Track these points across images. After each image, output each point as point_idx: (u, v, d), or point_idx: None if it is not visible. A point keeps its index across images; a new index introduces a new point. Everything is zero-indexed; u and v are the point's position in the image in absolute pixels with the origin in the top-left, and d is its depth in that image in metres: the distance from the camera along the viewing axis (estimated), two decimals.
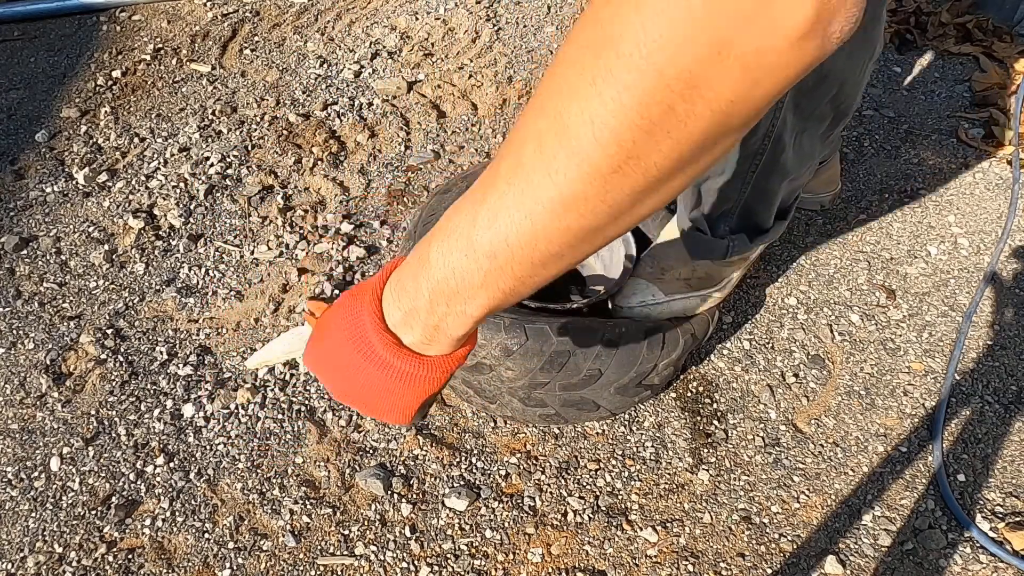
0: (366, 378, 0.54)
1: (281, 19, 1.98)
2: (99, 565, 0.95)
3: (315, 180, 1.50)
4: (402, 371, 0.53)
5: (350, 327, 0.54)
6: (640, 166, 0.39)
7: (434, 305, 0.50)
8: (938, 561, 0.95)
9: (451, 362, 0.54)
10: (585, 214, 0.41)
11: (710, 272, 1.03)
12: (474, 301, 0.48)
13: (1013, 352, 1.18)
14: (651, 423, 1.10)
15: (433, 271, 0.48)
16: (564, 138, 0.39)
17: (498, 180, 0.43)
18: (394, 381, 0.54)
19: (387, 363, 0.53)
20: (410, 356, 0.53)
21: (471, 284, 0.47)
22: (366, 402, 0.57)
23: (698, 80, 0.35)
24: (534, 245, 0.44)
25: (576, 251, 0.45)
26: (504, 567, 0.95)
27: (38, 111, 1.69)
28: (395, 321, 0.52)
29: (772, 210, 0.97)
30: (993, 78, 1.68)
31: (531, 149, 0.41)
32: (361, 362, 0.54)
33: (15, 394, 1.14)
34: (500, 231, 0.44)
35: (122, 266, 1.34)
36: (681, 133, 0.37)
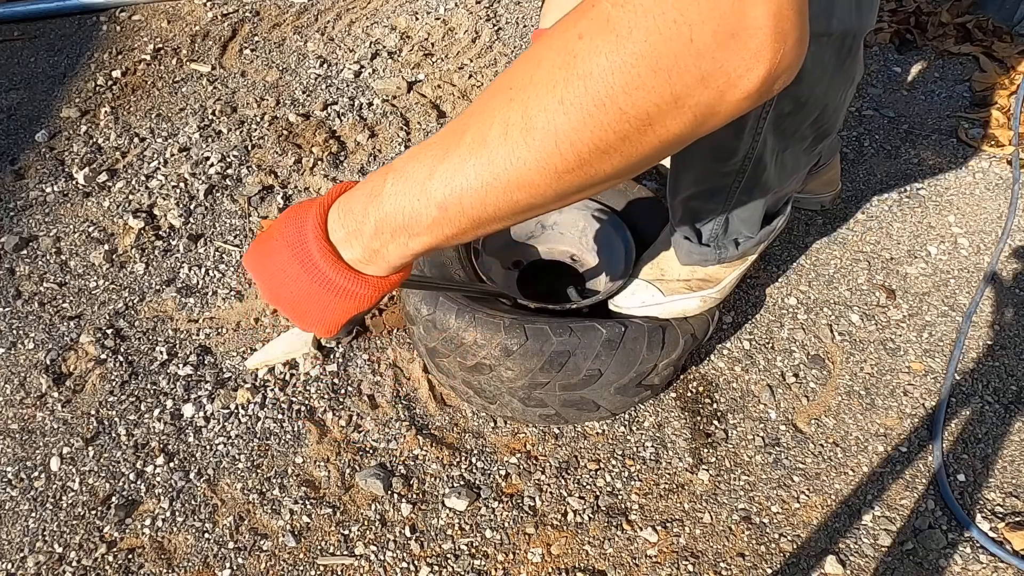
0: (301, 285, 0.56)
1: (281, 19, 1.98)
2: (99, 565, 0.95)
3: (315, 180, 1.50)
4: (336, 283, 0.56)
5: (293, 235, 0.56)
6: (590, 171, 0.45)
7: (378, 233, 0.53)
8: (938, 561, 0.95)
9: (385, 284, 0.57)
10: (535, 195, 0.47)
11: (709, 273, 1.03)
12: (417, 239, 0.53)
13: (1013, 352, 1.18)
14: (651, 423, 1.10)
15: (383, 204, 0.52)
16: (528, 136, 0.44)
17: (461, 146, 0.47)
18: (327, 292, 0.56)
19: (323, 273, 0.55)
20: (346, 270, 0.55)
21: (417, 224, 0.51)
22: (297, 309, 0.58)
23: (654, 120, 0.41)
24: (483, 208, 0.48)
25: (518, 218, 0.51)
26: (504, 567, 0.95)
27: (38, 111, 1.69)
28: (337, 238, 0.55)
29: (758, 219, 0.97)
30: (993, 78, 1.68)
31: (497, 133, 0.45)
32: (298, 269, 0.56)
33: (15, 394, 1.14)
34: (455, 190, 0.48)
35: (122, 266, 1.34)
36: (630, 153, 0.43)
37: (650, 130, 0.42)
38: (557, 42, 0.43)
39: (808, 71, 0.74)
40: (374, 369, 1.17)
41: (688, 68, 0.38)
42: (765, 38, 0.38)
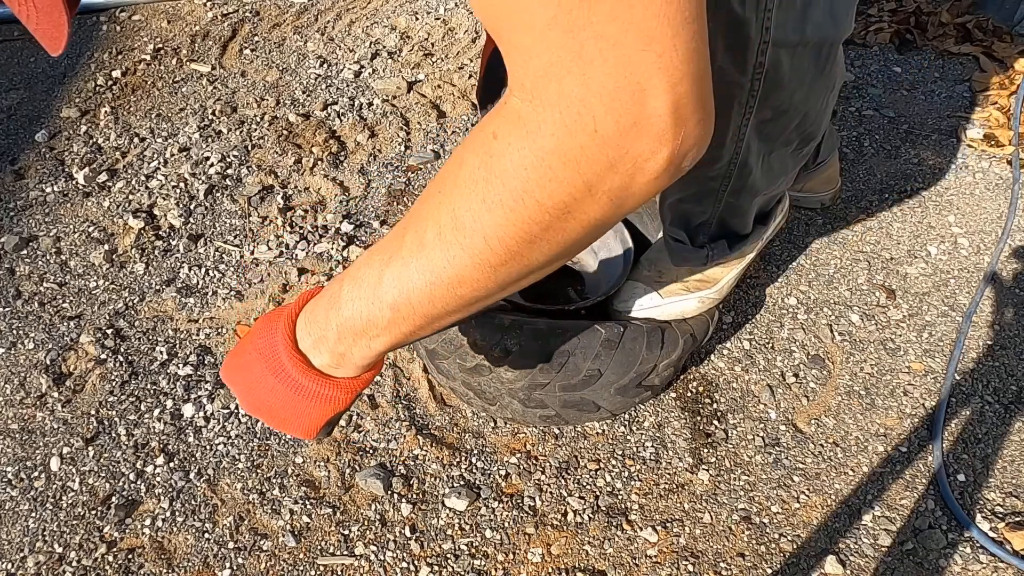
0: (277, 395, 0.59)
1: (281, 19, 1.98)
2: (99, 565, 0.95)
3: (315, 180, 1.50)
4: (309, 390, 0.58)
5: (264, 346, 0.59)
6: (524, 260, 0.47)
7: (341, 338, 0.55)
8: (938, 561, 0.95)
9: (356, 384, 0.59)
10: (477, 288, 0.49)
11: (707, 274, 1.03)
12: (378, 339, 0.55)
13: (1013, 352, 1.18)
14: (651, 423, 1.10)
15: (343, 310, 0.54)
16: (460, 235, 0.46)
17: (403, 249, 0.50)
18: (302, 399, 0.58)
19: (297, 382, 0.58)
20: (318, 376, 0.58)
21: (375, 326, 0.54)
22: (275, 417, 0.60)
23: (572, 208, 0.43)
24: (431, 305, 0.51)
25: (470, 309, 0.52)
26: (504, 567, 0.95)
27: (38, 111, 1.69)
28: (306, 345, 0.57)
29: (749, 219, 0.97)
30: (993, 78, 1.68)
31: (432, 235, 0.48)
32: (271, 379, 0.58)
33: (15, 394, 1.14)
34: (403, 292, 0.51)
35: (122, 266, 1.34)
36: (557, 240, 0.46)
37: (570, 217, 0.44)
38: (475, 142, 0.45)
39: (786, 80, 0.75)
40: None
41: (596, 157, 0.40)
42: (665, 124, 0.40)
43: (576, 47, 0.38)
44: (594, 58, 0.38)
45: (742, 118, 0.77)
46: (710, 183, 0.87)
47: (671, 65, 0.38)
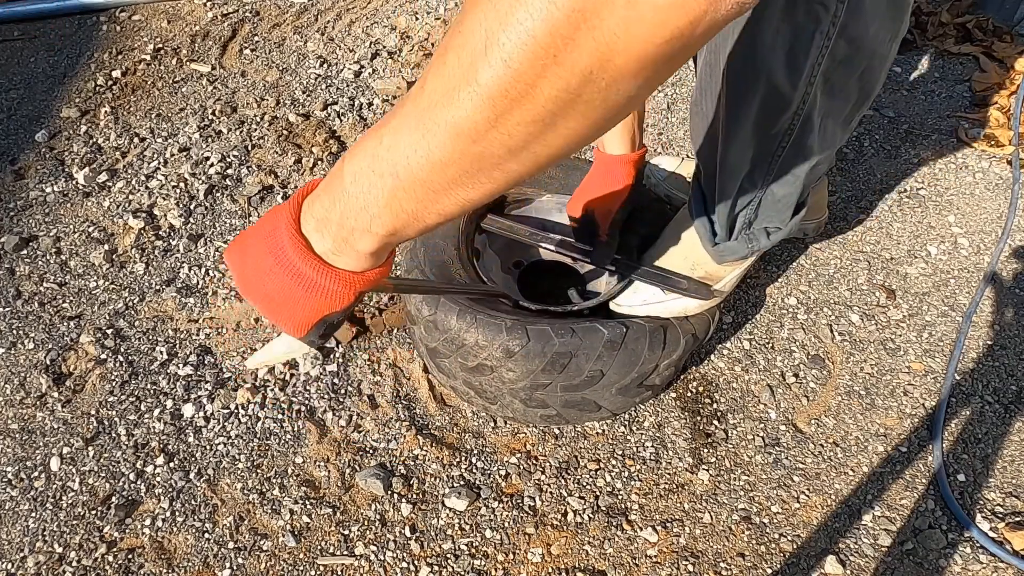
0: (272, 278, 0.55)
1: (281, 19, 1.98)
2: (99, 565, 0.95)
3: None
4: (307, 277, 0.54)
5: (268, 228, 0.56)
6: (533, 99, 0.40)
7: (344, 218, 0.51)
8: (938, 561, 0.95)
9: (358, 281, 0.55)
10: (477, 140, 0.43)
11: (709, 272, 1.03)
12: (379, 220, 0.50)
13: (1013, 352, 1.18)
14: (651, 423, 1.10)
15: (345, 185, 0.50)
16: (475, 59, 0.40)
17: (405, 103, 0.46)
18: (297, 286, 0.55)
19: (294, 266, 0.54)
20: (317, 263, 0.54)
21: (376, 201, 0.49)
22: (268, 303, 0.57)
23: (590, 14, 0.37)
24: (431, 167, 0.45)
25: (472, 180, 0.46)
26: (504, 567, 0.95)
27: (38, 111, 1.69)
28: (308, 228, 0.54)
29: (793, 201, 0.95)
30: (993, 78, 1.68)
31: (435, 93, 0.43)
32: (270, 261, 0.55)
33: (15, 394, 1.14)
34: (400, 150, 0.46)
35: (122, 266, 1.34)
36: (572, 62, 0.39)
37: (588, 26, 0.38)
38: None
39: (867, 4, 0.73)
40: (374, 369, 1.17)
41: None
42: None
43: None
44: None
45: (819, 52, 0.75)
46: (770, 142, 0.85)
47: None
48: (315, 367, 1.16)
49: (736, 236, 0.99)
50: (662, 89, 1.72)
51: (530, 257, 1.20)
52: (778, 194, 0.93)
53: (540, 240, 1.07)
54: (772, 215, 0.97)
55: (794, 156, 0.87)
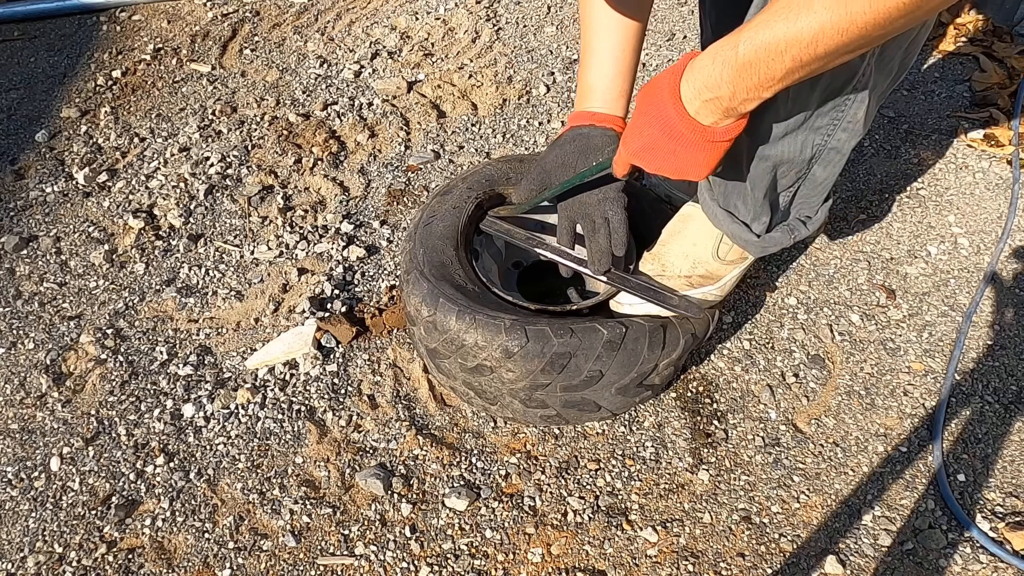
0: (683, 155, 0.77)
1: (281, 19, 1.98)
2: (99, 565, 0.95)
3: (315, 180, 1.50)
4: (715, 142, 0.75)
5: (661, 123, 0.76)
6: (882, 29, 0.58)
7: (735, 95, 0.69)
8: (938, 561, 0.95)
9: (738, 128, 0.75)
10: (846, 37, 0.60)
11: (709, 270, 1.03)
12: (769, 89, 0.68)
13: (1013, 352, 1.18)
14: (651, 423, 1.10)
15: (746, 67, 0.67)
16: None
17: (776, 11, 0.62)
18: (707, 152, 0.76)
19: (702, 144, 0.75)
20: (717, 131, 0.74)
21: (772, 78, 0.67)
22: (681, 169, 0.79)
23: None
24: (807, 48, 0.62)
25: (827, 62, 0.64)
26: (504, 567, 0.95)
27: (38, 111, 1.69)
28: (695, 108, 0.73)
29: (829, 185, 0.96)
30: (993, 78, 1.68)
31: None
32: (675, 145, 0.77)
33: (15, 394, 1.14)
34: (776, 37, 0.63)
35: (122, 266, 1.34)
36: None
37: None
38: None
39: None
40: (374, 369, 1.17)
41: None
42: None
43: None
44: None
45: None
46: (825, 119, 0.85)
47: None
48: (315, 367, 1.16)
49: (776, 227, 0.99)
50: None
51: (529, 258, 1.20)
52: (819, 177, 0.93)
53: (536, 245, 1.07)
54: (807, 202, 0.97)
55: (844, 133, 0.87)
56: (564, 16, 1.98)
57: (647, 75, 1.76)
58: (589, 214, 0.99)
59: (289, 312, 1.25)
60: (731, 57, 0.67)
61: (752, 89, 0.69)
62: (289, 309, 1.25)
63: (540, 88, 1.72)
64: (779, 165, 0.90)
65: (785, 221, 1.01)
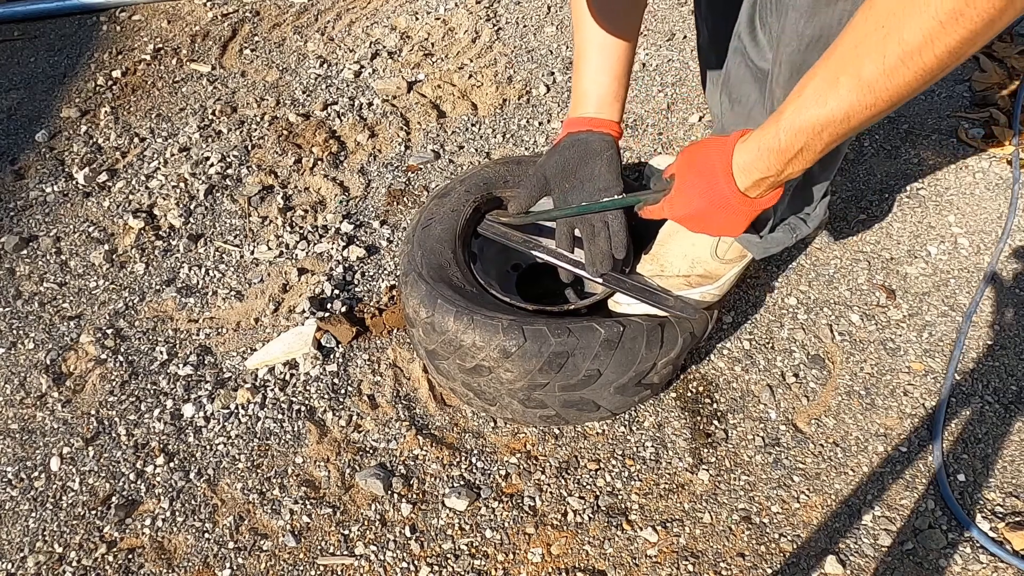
0: (730, 221, 0.84)
1: (281, 19, 1.98)
2: (99, 565, 0.95)
3: (315, 180, 1.50)
4: (758, 209, 0.82)
5: (714, 198, 0.82)
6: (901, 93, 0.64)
7: (786, 174, 0.75)
8: (938, 561, 0.95)
9: (776, 196, 0.81)
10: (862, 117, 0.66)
11: (708, 270, 1.03)
12: (792, 163, 0.73)
13: (1013, 352, 1.18)
14: (651, 423, 1.10)
15: (790, 150, 0.72)
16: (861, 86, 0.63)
17: (810, 97, 0.67)
18: (749, 217, 0.83)
19: (749, 211, 0.82)
20: (762, 201, 0.81)
21: (821, 149, 0.71)
22: (721, 230, 0.86)
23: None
24: (827, 133, 0.68)
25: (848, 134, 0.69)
26: (504, 567, 0.95)
27: (38, 111, 1.69)
28: (745, 186, 0.79)
29: (827, 181, 0.97)
30: (993, 78, 1.68)
31: (837, 85, 0.65)
32: (724, 215, 0.83)
33: (15, 394, 1.15)
34: (810, 123, 0.69)
35: (122, 266, 1.34)
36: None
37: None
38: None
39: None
40: (374, 369, 1.17)
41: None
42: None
43: None
44: None
45: None
46: None
47: None
48: (315, 367, 1.16)
49: (777, 227, 1.00)
50: (662, 89, 1.72)
51: (527, 260, 1.20)
52: (816, 175, 0.94)
53: (532, 247, 1.06)
54: (804, 200, 0.97)
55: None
56: (564, 16, 1.98)
57: (647, 75, 1.76)
58: (588, 218, 0.99)
59: (289, 312, 1.25)
60: (774, 146, 0.73)
61: (799, 165, 0.74)
62: (289, 309, 1.25)
63: (540, 88, 1.72)
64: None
65: (785, 220, 1.01)
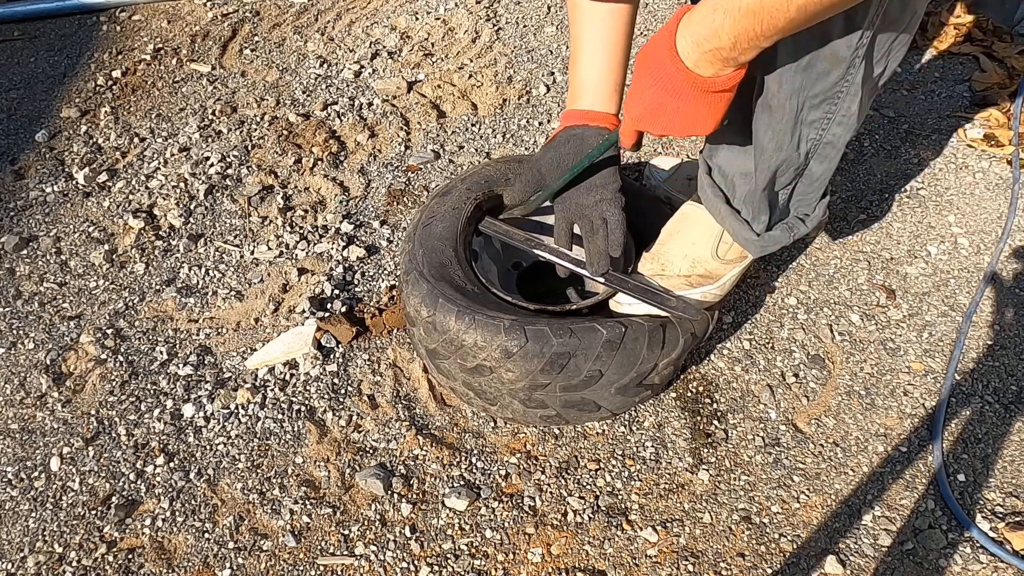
0: (686, 111, 0.77)
1: (281, 19, 1.98)
2: (99, 565, 0.95)
3: (315, 180, 1.50)
4: (717, 92, 0.75)
5: (661, 81, 0.76)
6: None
7: (736, 44, 0.69)
8: (938, 561, 0.95)
9: (738, 76, 0.74)
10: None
11: (709, 269, 1.03)
12: (770, 39, 0.69)
13: (1013, 352, 1.18)
14: (651, 423, 1.10)
15: (736, 21, 0.67)
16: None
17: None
18: (710, 104, 0.76)
19: (704, 97, 0.75)
20: (717, 81, 0.73)
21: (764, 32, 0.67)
22: (687, 126, 0.79)
23: None
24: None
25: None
26: (504, 567, 0.95)
27: (38, 111, 1.69)
28: (694, 61, 0.73)
29: (826, 181, 0.96)
30: (993, 78, 1.68)
31: None
32: (678, 102, 0.76)
33: (15, 394, 1.15)
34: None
35: (122, 266, 1.34)
36: None
37: None
38: None
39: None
40: (374, 369, 1.17)
41: None
42: None
43: None
44: None
45: (876, 9, 0.74)
46: (819, 113, 0.86)
47: None
48: (315, 367, 1.16)
49: (776, 225, 0.99)
50: None
51: (529, 259, 1.20)
52: (816, 173, 0.92)
53: (534, 246, 1.06)
54: (805, 199, 0.97)
55: (838, 127, 0.86)
56: (564, 16, 1.98)
57: None
58: (587, 215, 0.99)
59: (289, 312, 1.25)
60: (734, 6, 0.67)
61: (754, 38, 0.68)
62: (289, 309, 1.25)
63: (540, 88, 1.72)
64: (778, 164, 0.90)
65: (784, 219, 1.01)
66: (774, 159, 0.90)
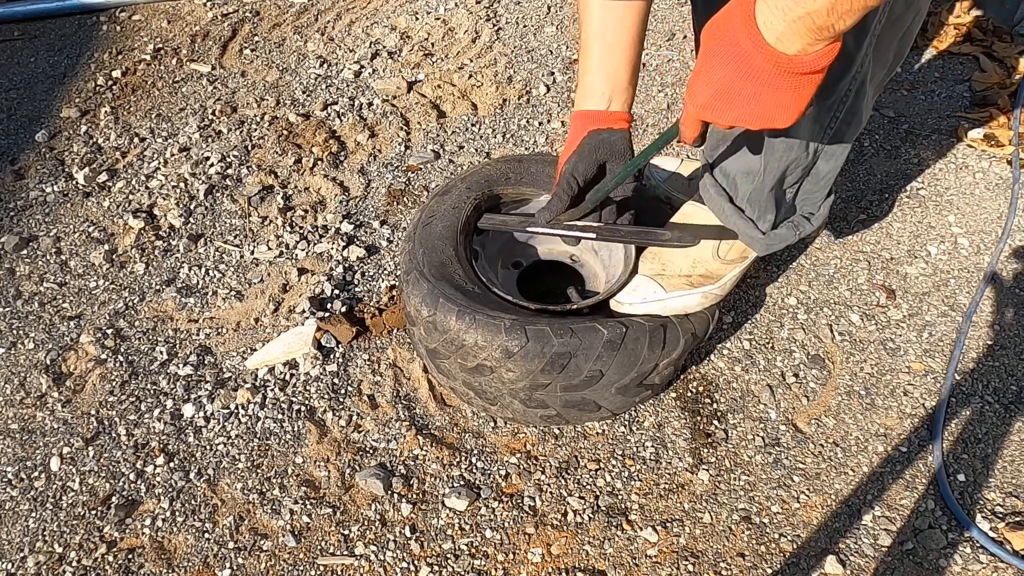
0: (765, 97, 0.63)
1: (281, 19, 1.98)
2: (99, 565, 0.95)
3: (315, 180, 1.50)
4: (804, 75, 0.61)
5: (735, 60, 0.63)
6: None
7: (835, 6, 0.56)
8: (938, 561, 0.95)
9: (831, 54, 0.61)
10: None
11: (710, 269, 1.03)
12: (852, 15, 0.57)
13: (1013, 352, 1.18)
14: (651, 423, 1.10)
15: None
16: None
17: None
18: (795, 90, 0.63)
19: (788, 80, 0.62)
20: (805, 60, 0.60)
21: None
22: (764, 116, 0.65)
23: None
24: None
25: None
26: (504, 567, 0.95)
27: (38, 111, 1.69)
28: (777, 35, 0.59)
29: (832, 179, 0.94)
30: (993, 78, 1.68)
31: None
32: (755, 86, 0.63)
33: (15, 394, 1.14)
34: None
35: (122, 266, 1.34)
36: None
37: None
38: None
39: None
40: (374, 369, 1.17)
41: None
42: None
43: None
44: None
45: (883, 7, 0.72)
46: (825, 113, 0.84)
47: None
48: (315, 367, 1.16)
49: (781, 224, 0.99)
50: (662, 89, 1.72)
51: (529, 257, 1.20)
52: (822, 171, 0.92)
53: (530, 224, 1.04)
54: (810, 197, 0.96)
55: (846, 125, 0.85)
56: (564, 16, 1.98)
57: (647, 75, 1.76)
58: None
59: (289, 312, 1.25)
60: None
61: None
62: (289, 309, 1.25)
63: (540, 88, 1.72)
64: (788, 163, 0.90)
65: (789, 218, 1.01)
66: (784, 158, 0.89)
